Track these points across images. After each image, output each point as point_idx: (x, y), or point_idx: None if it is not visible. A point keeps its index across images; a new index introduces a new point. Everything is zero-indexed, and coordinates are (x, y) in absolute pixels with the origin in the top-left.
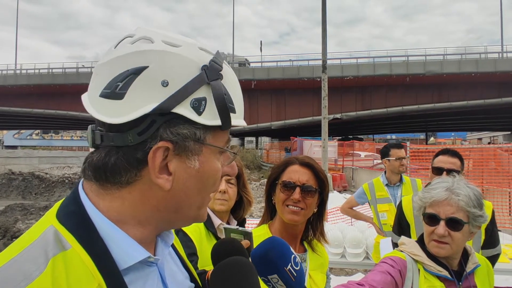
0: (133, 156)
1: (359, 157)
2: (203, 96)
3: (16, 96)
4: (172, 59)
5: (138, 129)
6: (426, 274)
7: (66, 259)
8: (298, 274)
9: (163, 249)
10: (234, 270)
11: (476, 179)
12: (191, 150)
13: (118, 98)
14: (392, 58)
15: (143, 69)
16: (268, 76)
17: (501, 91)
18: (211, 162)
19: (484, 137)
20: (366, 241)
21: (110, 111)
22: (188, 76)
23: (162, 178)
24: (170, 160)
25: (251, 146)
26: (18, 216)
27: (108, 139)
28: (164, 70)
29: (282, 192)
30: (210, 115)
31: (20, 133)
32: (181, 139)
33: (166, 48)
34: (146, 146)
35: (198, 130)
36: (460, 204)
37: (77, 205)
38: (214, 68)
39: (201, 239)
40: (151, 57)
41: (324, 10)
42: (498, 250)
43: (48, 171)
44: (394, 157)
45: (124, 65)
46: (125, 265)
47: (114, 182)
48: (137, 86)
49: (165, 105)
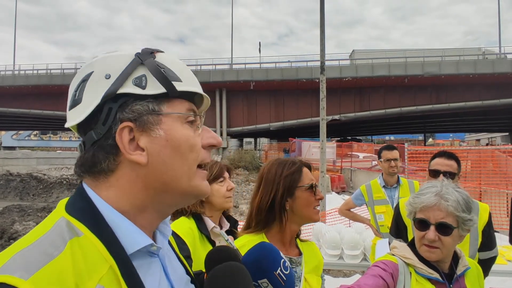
0: (106, 144)
1: (357, 158)
2: (142, 73)
3: (14, 96)
4: (110, 59)
5: (101, 120)
6: (417, 277)
7: (80, 243)
8: (287, 278)
9: (162, 241)
10: (229, 275)
11: (474, 180)
12: (151, 122)
13: (78, 103)
14: (391, 59)
15: (90, 74)
16: (267, 77)
17: (499, 93)
18: (177, 129)
19: (482, 139)
20: (363, 243)
21: (75, 116)
22: (124, 64)
23: (136, 154)
24: (138, 138)
25: (249, 147)
26: (16, 217)
27: (88, 142)
28: (105, 68)
29: (309, 194)
30: (154, 87)
31: (18, 134)
32: (138, 115)
33: (106, 55)
34: (112, 131)
35: (150, 103)
36: (449, 209)
37: (85, 198)
38: (145, 52)
39: (194, 242)
40: (95, 64)
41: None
42: (495, 253)
43: (46, 172)
44: (383, 158)
45: (77, 79)
46: (131, 250)
47: (98, 171)
48: (88, 87)
49: (110, 90)
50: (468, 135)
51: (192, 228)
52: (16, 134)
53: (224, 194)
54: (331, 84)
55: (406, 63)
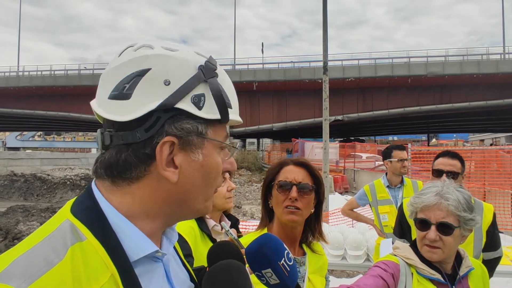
0: (142, 152)
1: (360, 158)
2: (202, 92)
3: (19, 97)
4: (171, 61)
5: (145, 126)
6: (419, 277)
7: (82, 249)
8: (291, 269)
9: (168, 246)
10: (224, 274)
11: (478, 180)
12: (194, 144)
13: (126, 98)
14: (394, 59)
15: (146, 71)
16: (270, 78)
17: (503, 93)
18: (213, 156)
19: (486, 139)
20: (367, 243)
21: (119, 111)
22: (187, 75)
23: (169, 171)
24: (176, 154)
25: (252, 147)
26: (20, 217)
27: (117, 138)
28: (165, 71)
29: (279, 193)
30: (210, 110)
31: (22, 134)
32: (185, 134)
33: (166, 52)
34: (154, 141)
35: (200, 125)
36: (450, 209)
37: (92, 201)
38: (209, 67)
39: (195, 240)
40: (153, 60)
41: (325, 12)
42: (499, 253)
43: (50, 172)
44: (396, 158)
45: (129, 69)
46: (135, 257)
47: (125, 178)
48: (142, 86)
49: (168, 101)
50: (472, 135)
51: (193, 227)
52: (20, 135)
53: (225, 195)
54: (334, 84)
55: (409, 63)
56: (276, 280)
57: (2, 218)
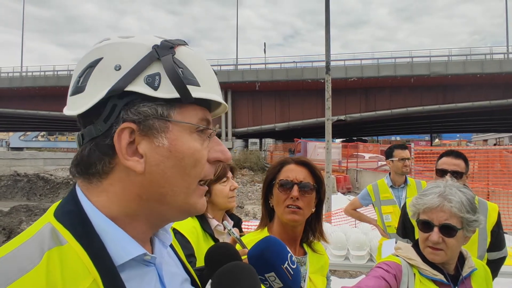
0: (103, 144)
1: (363, 158)
2: (157, 71)
3: (22, 98)
4: (123, 47)
5: (103, 116)
6: (421, 278)
7: (61, 254)
8: (294, 272)
9: (161, 249)
10: (236, 274)
11: (482, 181)
12: (156, 128)
13: (81, 91)
14: (396, 59)
15: (98, 60)
16: (272, 78)
17: (507, 92)
18: (183, 140)
19: (489, 139)
20: (369, 243)
21: (76, 105)
22: (138, 57)
23: (132, 160)
24: (139, 142)
25: (255, 147)
26: (23, 217)
27: (86, 135)
28: (116, 57)
29: (280, 192)
30: (167, 89)
31: (25, 135)
32: (143, 118)
33: (119, 40)
34: (112, 130)
35: (160, 107)
36: (453, 211)
37: (74, 203)
38: (164, 45)
39: (198, 240)
40: (105, 49)
41: (327, 12)
42: (504, 253)
43: (53, 172)
44: (398, 157)
45: (84, 63)
46: (121, 260)
47: (93, 173)
48: (94, 76)
49: (118, 85)
50: (475, 135)
51: (195, 227)
52: (23, 135)
53: (227, 194)
54: (336, 84)
55: (412, 63)
56: (280, 284)
57: (6, 218)
